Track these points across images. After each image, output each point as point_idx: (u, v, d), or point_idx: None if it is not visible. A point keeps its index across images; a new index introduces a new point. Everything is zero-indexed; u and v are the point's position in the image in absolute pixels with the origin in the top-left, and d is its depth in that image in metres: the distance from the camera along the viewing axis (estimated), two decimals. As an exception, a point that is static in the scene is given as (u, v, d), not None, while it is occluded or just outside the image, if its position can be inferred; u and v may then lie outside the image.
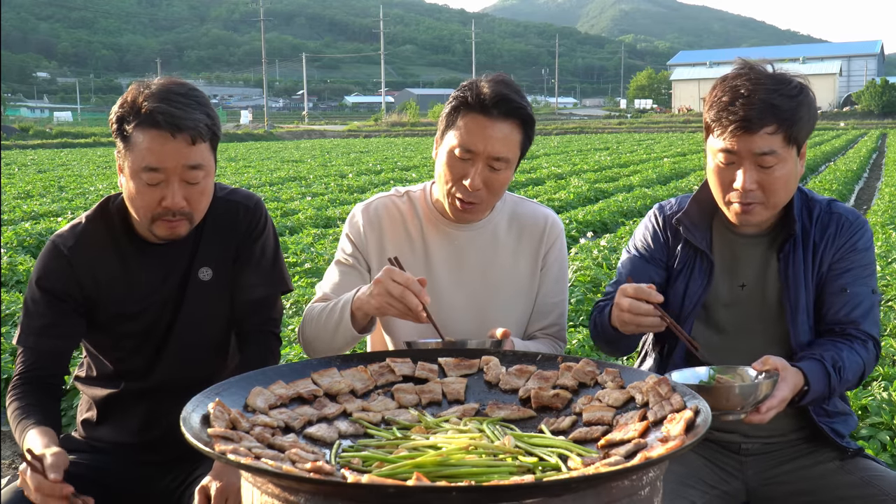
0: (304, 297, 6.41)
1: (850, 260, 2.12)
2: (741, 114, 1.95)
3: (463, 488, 1.15)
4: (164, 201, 1.97)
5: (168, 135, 1.92)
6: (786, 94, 1.96)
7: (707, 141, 2.09)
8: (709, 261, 2.17)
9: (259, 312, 2.22)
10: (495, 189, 2.14)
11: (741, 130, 1.95)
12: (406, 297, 1.86)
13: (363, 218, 2.28)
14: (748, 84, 1.97)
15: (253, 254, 2.20)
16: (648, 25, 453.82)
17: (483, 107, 2.06)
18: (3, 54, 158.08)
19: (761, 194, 2.02)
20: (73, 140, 46.43)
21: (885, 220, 10.11)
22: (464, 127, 2.08)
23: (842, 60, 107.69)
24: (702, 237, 2.19)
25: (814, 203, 2.17)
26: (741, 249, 2.18)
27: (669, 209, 2.28)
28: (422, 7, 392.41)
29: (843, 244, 2.12)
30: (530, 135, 2.14)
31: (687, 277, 2.19)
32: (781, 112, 1.95)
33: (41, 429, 1.92)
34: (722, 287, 2.18)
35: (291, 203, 13.49)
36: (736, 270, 2.18)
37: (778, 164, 1.99)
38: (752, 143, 1.96)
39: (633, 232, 2.35)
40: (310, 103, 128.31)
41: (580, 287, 6.32)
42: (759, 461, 2.21)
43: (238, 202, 2.21)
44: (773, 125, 1.95)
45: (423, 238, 2.26)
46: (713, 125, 2.02)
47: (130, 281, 2.11)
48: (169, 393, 2.00)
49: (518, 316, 2.29)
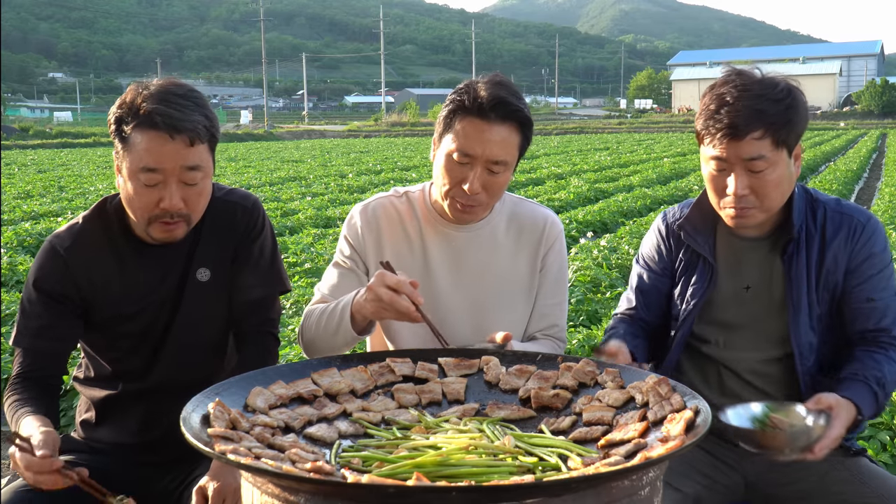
0: (304, 298, 6.41)
1: (871, 265, 2.11)
2: (726, 121, 1.97)
3: (463, 488, 1.15)
4: (161, 202, 1.97)
5: (166, 136, 1.91)
6: (772, 98, 1.98)
7: (700, 149, 2.12)
8: (710, 264, 2.20)
9: (257, 313, 2.21)
10: (494, 191, 2.14)
11: (728, 137, 1.98)
12: (396, 302, 1.85)
13: (361, 219, 2.28)
14: (734, 91, 1.99)
15: (251, 254, 2.19)
16: (648, 25, 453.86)
17: (480, 110, 2.05)
18: (3, 54, 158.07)
19: (754, 199, 2.04)
20: (73, 140, 46.42)
21: (885, 220, 10.10)
22: (461, 131, 2.07)
23: (842, 60, 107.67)
24: (704, 242, 2.21)
25: (818, 203, 2.17)
26: (744, 253, 2.20)
27: (672, 216, 2.32)
28: (422, 7, 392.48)
29: (860, 249, 2.11)
30: (528, 136, 2.14)
31: (688, 280, 2.23)
32: (768, 117, 1.96)
33: (36, 416, 1.91)
34: (727, 289, 2.21)
35: (291, 203, 13.49)
36: (740, 273, 2.20)
37: (768, 168, 2.00)
38: (740, 150, 1.98)
39: (642, 241, 2.41)
40: (310, 103, 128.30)
41: (580, 287, 6.32)
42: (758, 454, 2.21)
43: (236, 202, 2.20)
44: (759, 130, 1.96)
45: (421, 239, 2.26)
46: (703, 133, 2.06)
47: (127, 282, 2.11)
48: (167, 393, 2.00)
49: (517, 316, 2.29)
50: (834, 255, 2.11)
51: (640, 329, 2.29)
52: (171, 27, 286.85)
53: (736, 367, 2.22)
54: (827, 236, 2.12)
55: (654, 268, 2.32)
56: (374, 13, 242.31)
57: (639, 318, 2.32)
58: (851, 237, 2.12)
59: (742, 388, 2.21)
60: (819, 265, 2.12)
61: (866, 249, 2.11)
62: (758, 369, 2.20)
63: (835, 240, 2.12)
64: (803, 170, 19.73)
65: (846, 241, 2.12)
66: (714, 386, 2.24)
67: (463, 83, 2.14)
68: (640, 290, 2.33)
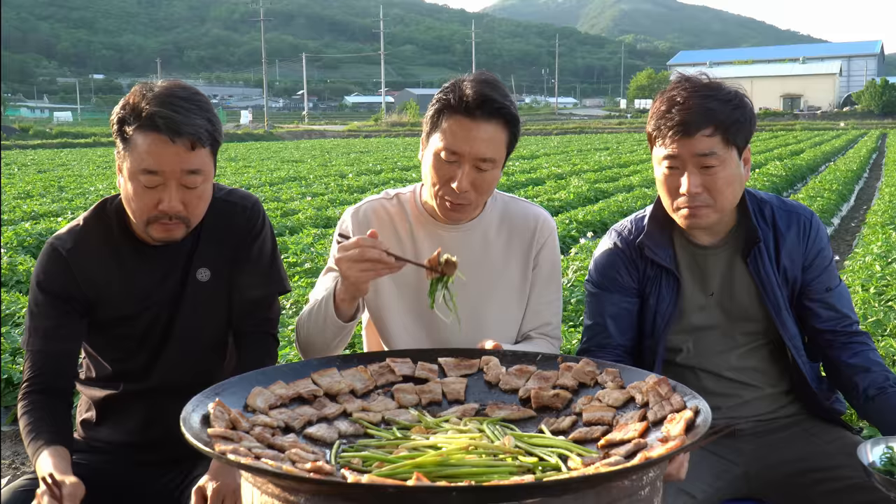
0: (304, 298, 6.41)
1: (823, 258, 2.24)
2: (678, 118, 2.04)
3: (463, 488, 1.15)
4: (160, 204, 1.97)
5: (167, 139, 1.91)
6: (720, 98, 2.06)
7: (652, 153, 2.16)
8: (674, 277, 2.22)
9: (256, 313, 2.21)
10: (483, 189, 2.14)
11: (679, 135, 2.04)
12: (365, 253, 1.86)
13: (352, 222, 2.29)
14: (683, 92, 2.07)
15: (251, 254, 2.19)
16: (648, 25, 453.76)
17: (466, 109, 2.05)
18: (3, 54, 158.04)
19: (707, 196, 2.08)
20: (73, 140, 46.43)
21: (884, 220, 10.09)
22: (448, 130, 2.07)
23: (842, 60, 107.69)
24: (665, 255, 2.23)
25: (764, 202, 2.24)
26: (704, 260, 2.24)
27: (627, 232, 2.30)
28: (422, 7, 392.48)
29: (812, 244, 2.22)
30: (515, 133, 2.13)
31: (656, 295, 2.24)
32: (717, 115, 2.03)
33: (53, 449, 1.91)
34: (692, 297, 2.24)
35: (291, 203, 13.48)
36: (704, 281, 2.24)
37: (720, 166, 2.05)
38: (692, 146, 2.04)
39: (591, 265, 2.36)
40: (310, 103, 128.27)
41: (580, 287, 6.32)
42: (756, 440, 2.25)
43: (236, 203, 2.20)
44: (710, 127, 2.03)
45: (412, 240, 2.26)
46: (654, 134, 2.11)
47: (128, 282, 2.11)
48: (167, 393, 2.00)
49: (511, 316, 2.29)
50: (788, 252, 2.20)
51: (620, 355, 2.27)
52: (171, 27, 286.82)
53: (713, 368, 2.25)
54: (779, 233, 2.20)
55: (622, 290, 2.27)
56: (374, 13, 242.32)
57: (616, 346, 2.27)
58: (803, 234, 2.22)
59: (725, 387, 2.24)
60: (778, 262, 2.20)
61: (817, 244, 2.23)
62: (738, 364, 2.24)
63: (787, 236, 2.20)
64: (803, 170, 19.73)
65: (798, 238, 2.21)
66: (695, 390, 2.23)
67: (449, 82, 2.14)
68: (612, 316, 2.26)
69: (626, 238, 2.29)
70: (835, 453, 2.14)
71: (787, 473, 2.18)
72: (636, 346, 2.32)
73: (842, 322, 2.22)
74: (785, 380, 2.27)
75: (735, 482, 2.22)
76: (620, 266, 2.27)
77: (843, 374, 2.19)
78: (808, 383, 2.21)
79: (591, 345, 2.30)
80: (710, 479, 2.17)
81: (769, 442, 2.24)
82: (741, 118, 2.07)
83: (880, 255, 7.34)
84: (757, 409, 2.26)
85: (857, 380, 2.15)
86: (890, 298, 5.69)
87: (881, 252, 7.51)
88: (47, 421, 2.00)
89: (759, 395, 2.26)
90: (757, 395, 2.25)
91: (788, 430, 2.26)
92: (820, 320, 2.22)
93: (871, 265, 6.90)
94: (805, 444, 2.21)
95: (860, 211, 13.71)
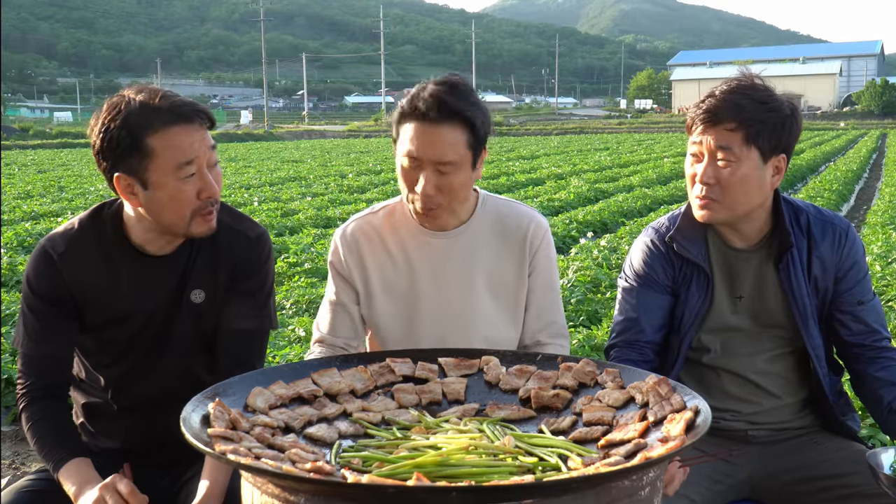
0: (304, 297, 6.42)
1: (857, 271, 2.20)
2: (706, 107, 2.06)
3: (463, 488, 1.15)
4: (202, 193, 1.95)
5: (189, 125, 1.91)
6: (755, 98, 2.04)
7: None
8: (706, 274, 2.21)
9: (240, 346, 2.14)
10: (451, 191, 2.10)
11: (704, 123, 2.06)
12: None
13: (342, 245, 2.28)
14: (724, 86, 2.08)
15: (248, 285, 2.14)
16: (648, 25, 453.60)
17: (420, 114, 2.04)
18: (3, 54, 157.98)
19: (718, 190, 2.08)
20: (73, 140, 46.38)
21: (885, 220, 10.09)
22: (405, 135, 2.07)
23: (842, 60, 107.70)
24: (697, 251, 2.22)
25: (800, 210, 2.21)
26: (736, 263, 2.22)
27: (665, 229, 2.29)
28: (422, 7, 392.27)
29: (847, 256, 2.19)
30: (478, 134, 2.08)
31: (686, 292, 2.23)
32: (744, 111, 2.02)
33: (80, 461, 1.94)
34: (721, 297, 2.22)
35: (291, 203, 13.48)
36: (733, 283, 2.22)
37: (735, 162, 2.04)
38: (713, 136, 2.05)
39: (627, 261, 2.36)
40: (310, 103, 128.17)
41: (580, 287, 6.32)
42: (765, 449, 2.24)
43: (240, 231, 2.15)
44: (733, 122, 2.02)
45: (403, 251, 2.24)
46: (689, 124, 2.13)
47: (118, 291, 2.07)
48: (154, 407, 2.01)
49: (506, 321, 2.27)
50: (821, 261, 2.17)
51: (649, 353, 2.26)
52: (171, 27, 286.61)
53: (738, 370, 2.23)
54: (814, 242, 2.17)
55: (657, 286, 2.26)
56: (374, 13, 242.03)
57: (645, 342, 2.26)
58: (837, 244, 2.18)
59: (748, 391, 2.23)
60: (809, 271, 2.17)
61: (852, 256, 2.20)
62: (763, 368, 2.22)
63: (821, 245, 2.17)
64: (804, 170, 19.71)
65: (832, 248, 2.18)
66: (716, 391, 2.24)
67: (415, 86, 2.13)
68: (646, 312, 2.26)
69: (662, 235, 2.28)
70: (841, 461, 2.12)
71: (791, 480, 2.17)
72: (664, 343, 2.30)
73: (871, 336, 2.19)
74: (804, 390, 2.25)
75: (737, 486, 2.21)
76: (656, 263, 2.26)
77: (868, 385, 2.18)
78: (825, 395, 2.19)
79: (621, 340, 2.28)
80: (710, 483, 2.16)
81: (777, 450, 2.23)
82: (771, 121, 2.03)
83: (880, 255, 7.34)
84: (773, 418, 2.24)
85: (882, 392, 2.14)
86: (890, 298, 5.70)
87: (881, 252, 7.51)
88: (60, 430, 2.00)
89: (779, 405, 2.24)
90: (776, 405, 2.23)
91: (797, 440, 2.25)
92: (849, 333, 2.20)
93: (871, 265, 6.90)
94: (811, 452, 2.19)
95: (860, 211, 13.70)
